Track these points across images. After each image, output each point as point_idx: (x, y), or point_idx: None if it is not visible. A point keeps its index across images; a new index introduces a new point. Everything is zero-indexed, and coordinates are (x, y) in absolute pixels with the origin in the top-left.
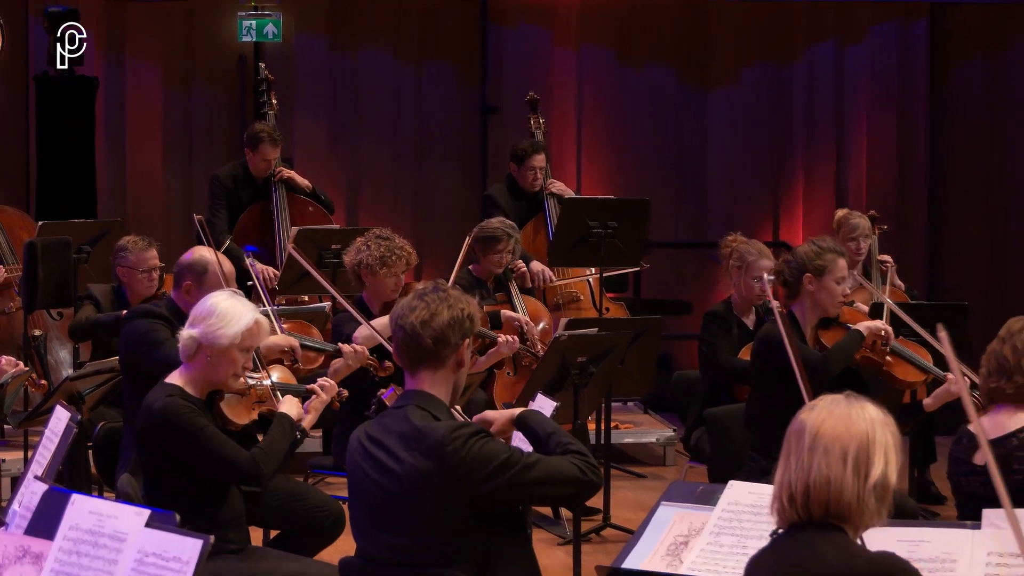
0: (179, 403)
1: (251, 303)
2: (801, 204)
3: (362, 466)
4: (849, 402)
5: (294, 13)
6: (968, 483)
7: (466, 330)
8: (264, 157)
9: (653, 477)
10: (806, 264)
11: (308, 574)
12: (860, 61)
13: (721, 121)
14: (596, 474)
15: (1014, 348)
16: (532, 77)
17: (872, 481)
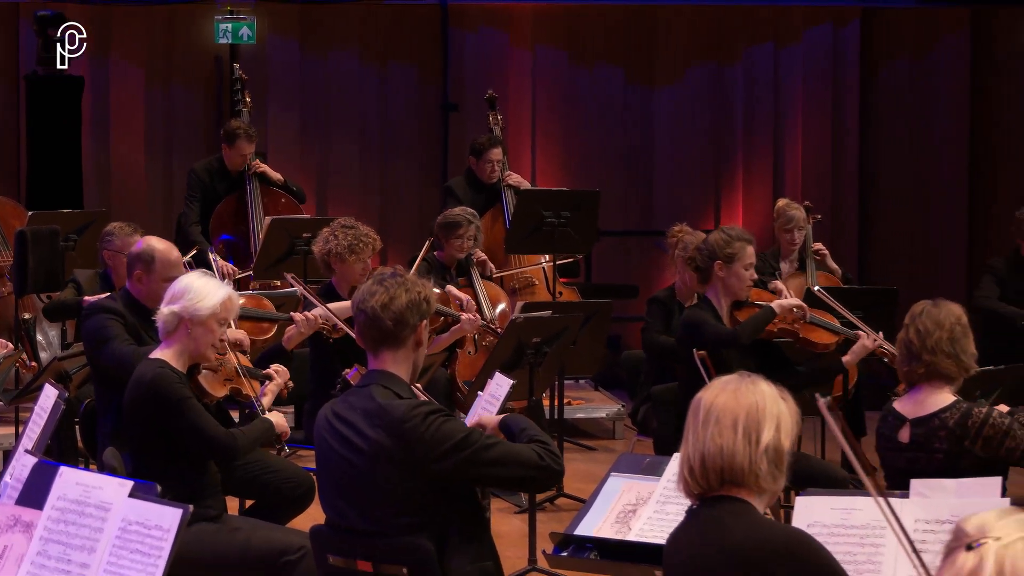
0: (170, 374)
1: (219, 281)
2: (741, 194)
3: (329, 441)
4: (741, 379)
5: (267, 17)
6: (895, 459)
7: (423, 312)
8: (240, 152)
9: (603, 450)
10: (716, 252)
11: (280, 540)
12: (795, 61)
13: (666, 117)
14: (556, 462)
15: (917, 331)
16: (490, 76)
17: (763, 446)
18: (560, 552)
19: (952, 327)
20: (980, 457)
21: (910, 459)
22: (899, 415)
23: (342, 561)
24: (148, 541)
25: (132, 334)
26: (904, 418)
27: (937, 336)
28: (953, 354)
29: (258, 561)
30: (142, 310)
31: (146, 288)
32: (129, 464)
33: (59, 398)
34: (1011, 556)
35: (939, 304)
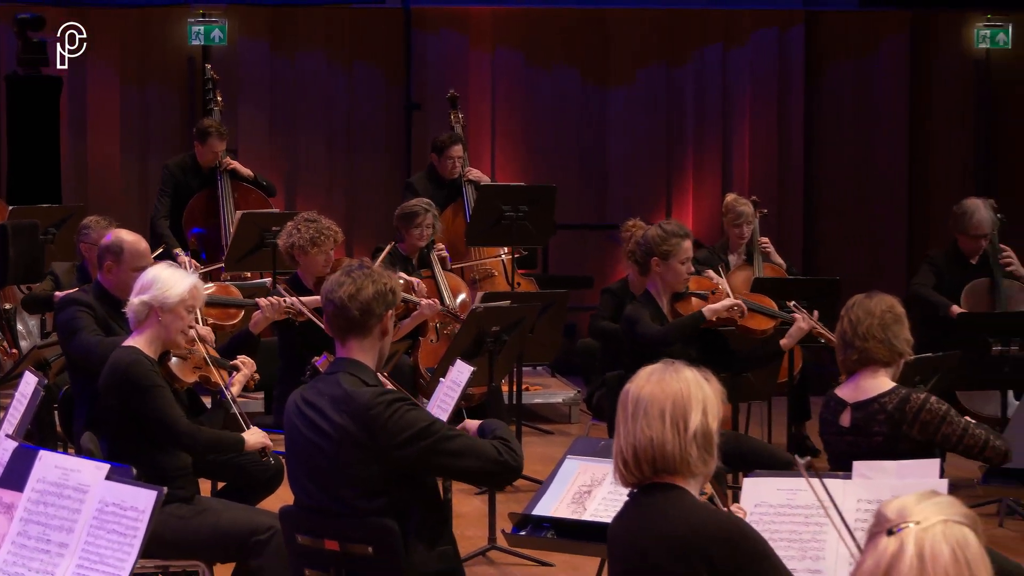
0: (143, 361)
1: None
2: (691, 190)
3: (298, 426)
4: (665, 368)
5: (238, 20)
6: (836, 442)
7: (389, 302)
8: (211, 149)
9: (559, 433)
10: (653, 248)
11: (250, 521)
12: (743, 63)
13: (619, 116)
14: (514, 459)
15: (850, 320)
16: (451, 77)
17: (691, 432)
18: (519, 531)
19: (883, 314)
20: (917, 440)
21: (851, 443)
22: (840, 400)
23: (310, 540)
24: (124, 522)
25: (102, 325)
26: (845, 403)
27: (868, 323)
28: (885, 339)
29: (229, 540)
30: (113, 301)
31: (116, 279)
32: (105, 448)
33: (39, 385)
34: (930, 539)
35: (872, 295)
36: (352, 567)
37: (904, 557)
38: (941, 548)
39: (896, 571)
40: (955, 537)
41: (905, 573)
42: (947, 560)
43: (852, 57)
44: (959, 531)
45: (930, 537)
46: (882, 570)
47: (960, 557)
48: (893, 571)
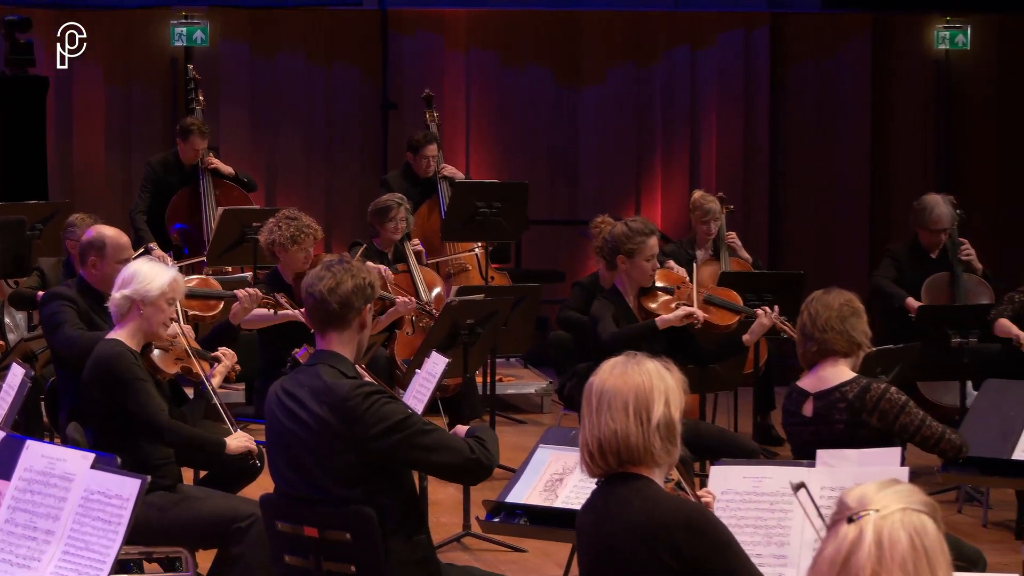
0: (127, 355)
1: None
2: (660, 186)
3: (278, 415)
4: (627, 360)
5: (219, 21)
6: (799, 432)
7: (368, 296)
8: (193, 147)
9: (532, 423)
10: (618, 246)
11: (231, 508)
12: (710, 63)
13: (590, 115)
14: (487, 457)
15: (809, 315)
16: (427, 77)
17: (654, 424)
18: (492, 518)
19: (841, 307)
20: (876, 428)
21: (813, 432)
22: (802, 391)
23: (289, 527)
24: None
25: (84, 319)
26: (807, 393)
27: (827, 316)
28: (843, 331)
29: (211, 527)
30: (95, 295)
31: (100, 273)
32: (90, 438)
33: (26, 376)
34: (888, 527)
35: (830, 291)
36: (331, 553)
37: (863, 544)
38: (899, 535)
39: (855, 558)
40: (913, 525)
41: (863, 560)
42: (904, 547)
43: (816, 58)
44: (917, 519)
45: (888, 525)
46: (842, 557)
47: (918, 544)
48: (852, 558)
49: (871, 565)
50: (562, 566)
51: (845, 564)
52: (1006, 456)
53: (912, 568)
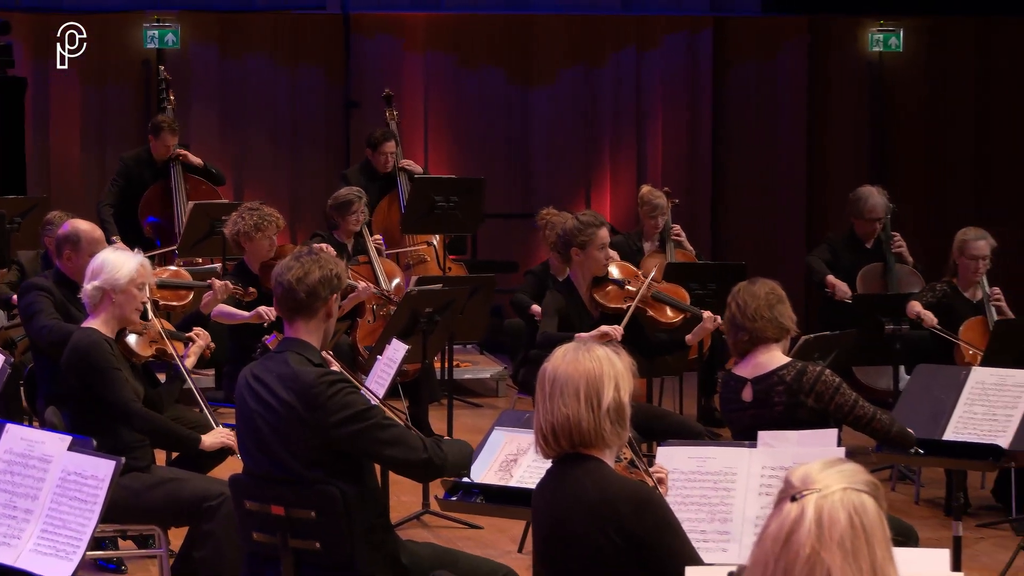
0: (103, 344)
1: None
2: (608, 182)
3: (247, 400)
4: (578, 347)
5: (190, 25)
6: (740, 417)
7: (334, 286)
8: (164, 143)
9: (488, 407)
10: (571, 239)
11: (202, 488)
12: (656, 64)
13: (542, 113)
14: (439, 458)
15: (737, 305)
16: (387, 77)
17: (604, 408)
18: (450, 497)
19: (767, 296)
20: (813, 409)
21: (753, 415)
22: (739, 378)
23: (257, 506)
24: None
25: (60, 309)
26: (744, 379)
27: (755, 305)
28: (772, 318)
29: (182, 506)
30: (72, 286)
31: (75, 265)
32: (67, 421)
33: (5, 363)
34: (828, 506)
35: (754, 281)
36: (297, 530)
37: (804, 522)
38: (838, 514)
39: (796, 535)
40: (853, 504)
41: (804, 537)
42: (843, 526)
43: (756, 59)
44: (857, 498)
45: (829, 504)
46: (784, 534)
47: (856, 523)
48: (793, 536)
49: (811, 542)
50: (516, 542)
51: (787, 541)
52: (937, 437)
53: (850, 546)
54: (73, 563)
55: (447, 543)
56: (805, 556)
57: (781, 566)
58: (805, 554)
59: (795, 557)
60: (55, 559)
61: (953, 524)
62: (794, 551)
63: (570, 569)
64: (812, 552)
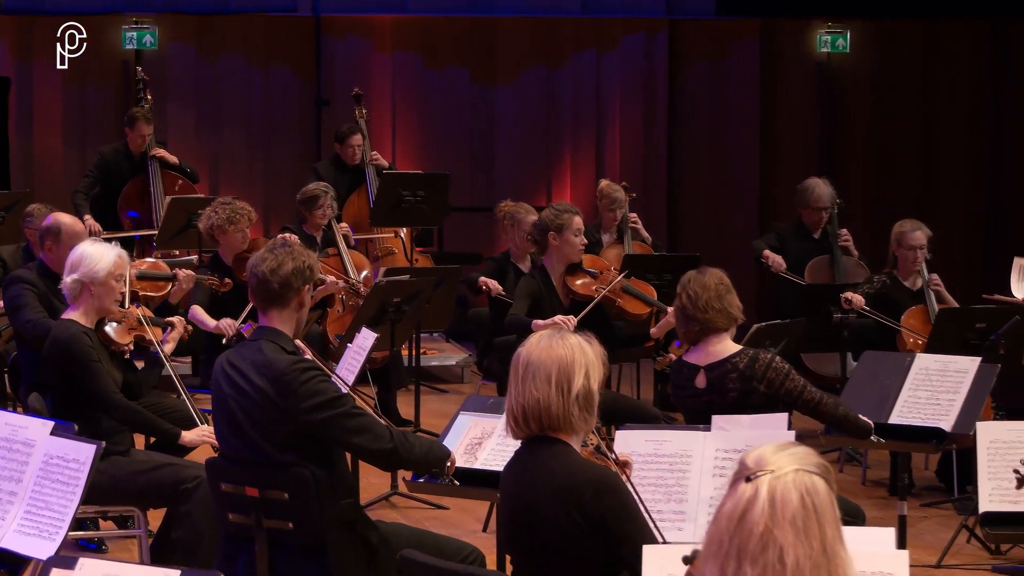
0: (82, 336)
1: (109, 245)
2: (568, 176)
3: (223, 386)
4: (552, 334)
5: (167, 27)
6: (693, 403)
7: (306, 278)
8: (140, 133)
9: (454, 392)
10: (548, 225)
11: (179, 471)
12: (614, 65)
13: (505, 111)
14: (406, 450)
15: (688, 296)
16: (356, 77)
17: (574, 394)
18: (417, 479)
19: (716, 287)
20: (765, 395)
21: (707, 401)
22: (692, 366)
23: (232, 488)
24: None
25: (44, 300)
26: (697, 367)
27: (706, 297)
28: (722, 308)
29: (160, 489)
30: (55, 277)
31: (56, 256)
32: (50, 407)
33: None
34: (781, 487)
35: (703, 271)
36: (270, 511)
37: (757, 502)
38: (791, 495)
39: (750, 514)
40: (805, 485)
41: (757, 516)
42: (795, 506)
43: (709, 60)
44: (809, 479)
45: (781, 484)
46: (738, 513)
47: (808, 503)
48: (747, 515)
49: (764, 521)
50: (481, 522)
51: (741, 520)
52: (883, 420)
53: (802, 525)
54: (55, 543)
55: (415, 523)
56: (759, 534)
57: (735, 543)
58: (759, 532)
59: (749, 535)
60: (38, 539)
61: (898, 504)
62: (748, 529)
63: (535, 548)
64: (765, 530)
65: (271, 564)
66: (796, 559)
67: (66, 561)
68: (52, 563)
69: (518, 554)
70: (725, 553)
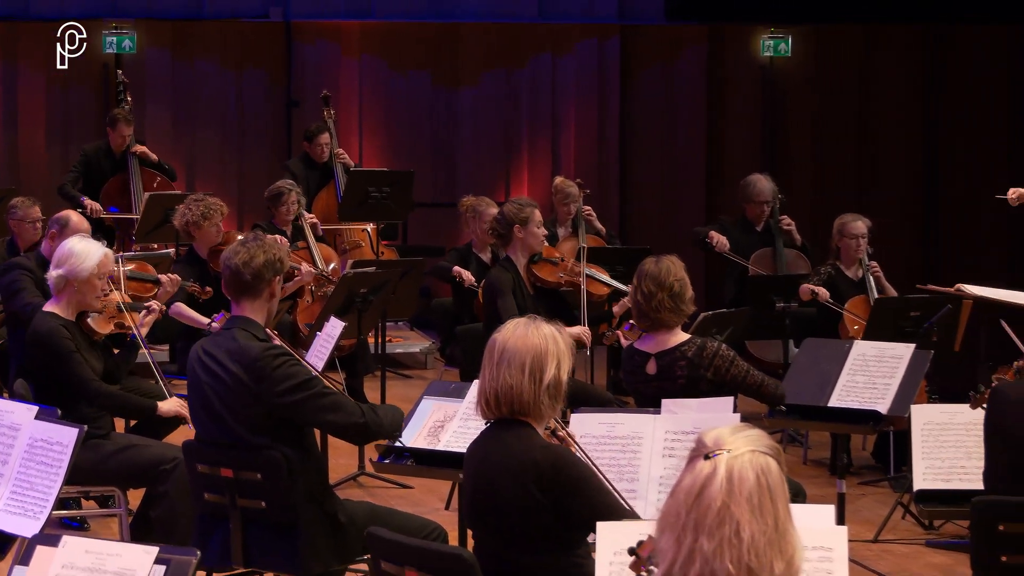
0: (60, 329)
1: (97, 243)
2: (526, 173)
3: (198, 372)
4: (528, 323)
5: (145, 32)
6: (644, 388)
7: (277, 270)
8: (120, 133)
9: (417, 378)
10: (513, 218)
11: (157, 453)
12: (569, 68)
13: (466, 112)
14: (376, 424)
15: (643, 294)
16: (325, 79)
17: (545, 384)
18: (384, 460)
19: (671, 285)
20: (712, 381)
21: (657, 387)
22: (643, 353)
23: (208, 469)
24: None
25: (39, 287)
26: (649, 354)
27: (659, 297)
28: (674, 307)
29: (140, 470)
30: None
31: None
32: (34, 392)
33: None
34: (738, 465)
35: (659, 262)
36: (244, 491)
37: (716, 479)
38: (747, 473)
39: (708, 490)
40: (760, 465)
41: (715, 492)
42: (751, 483)
43: (659, 63)
44: (763, 460)
45: (739, 463)
46: (696, 488)
47: (763, 482)
48: (705, 490)
49: (722, 497)
50: (444, 500)
51: (700, 495)
52: (823, 403)
53: (757, 502)
54: (40, 521)
55: (381, 502)
56: (716, 509)
57: (692, 517)
58: (716, 507)
59: (707, 509)
60: (23, 518)
61: (837, 482)
62: (706, 504)
63: (497, 523)
64: (723, 505)
65: (245, 541)
66: (751, 534)
67: (50, 539)
68: (37, 540)
69: (480, 529)
70: (682, 526)
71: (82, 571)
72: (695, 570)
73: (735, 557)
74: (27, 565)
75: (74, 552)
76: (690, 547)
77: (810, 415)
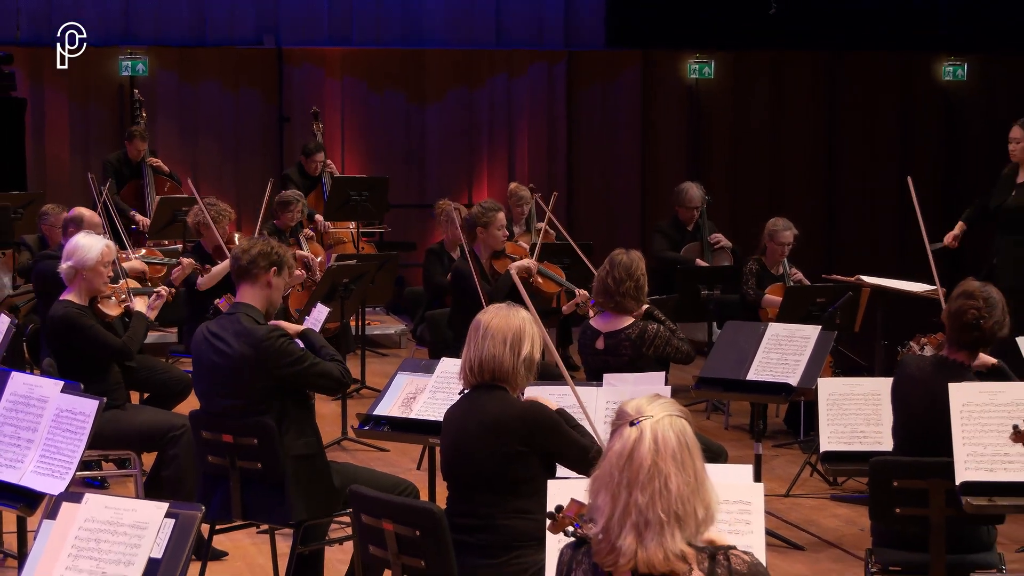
0: (75, 311)
1: (99, 236)
2: (486, 178)
3: (205, 351)
4: (509, 307)
5: (156, 57)
6: (592, 361)
7: (272, 261)
8: (136, 147)
9: (392, 356)
10: (476, 221)
11: (167, 422)
12: (523, 88)
13: (434, 126)
14: (348, 376)
15: (614, 278)
16: (312, 98)
17: (522, 357)
18: (363, 427)
19: (639, 277)
20: (650, 358)
21: (603, 361)
22: (595, 330)
23: (211, 435)
24: (75, 423)
25: None
26: (599, 332)
27: (628, 285)
28: (636, 296)
29: (152, 435)
30: None
31: None
32: (60, 370)
33: (11, 324)
34: (661, 428)
35: (630, 254)
36: (242, 454)
37: (644, 441)
38: (669, 435)
39: (638, 452)
40: (678, 427)
41: (644, 453)
42: (674, 443)
43: (600, 84)
44: (679, 423)
45: (661, 427)
46: (627, 451)
47: (682, 440)
48: (635, 452)
49: (651, 456)
50: (415, 461)
51: (630, 456)
52: (742, 377)
53: (680, 458)
54: (65, 481)
55: (361, 463)
56: (647, 467)
57: (626, 476)
58: (647, 465)
59: (639, 468)
60: (51, 478)
61: (755, 445)
62: (637, 463)
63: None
64: (652, 463)
65: (243, 498)
66: (677, 486)
67: (74, 496)
68: (63, 498)
69: (456, 480)
70: (616, 484)
71: (102, 524)
72: (631, 521)
73: (665, 506)
74: (54, 519)
75: (95, 508)
76: (625, 502)
77: (731, 387)
